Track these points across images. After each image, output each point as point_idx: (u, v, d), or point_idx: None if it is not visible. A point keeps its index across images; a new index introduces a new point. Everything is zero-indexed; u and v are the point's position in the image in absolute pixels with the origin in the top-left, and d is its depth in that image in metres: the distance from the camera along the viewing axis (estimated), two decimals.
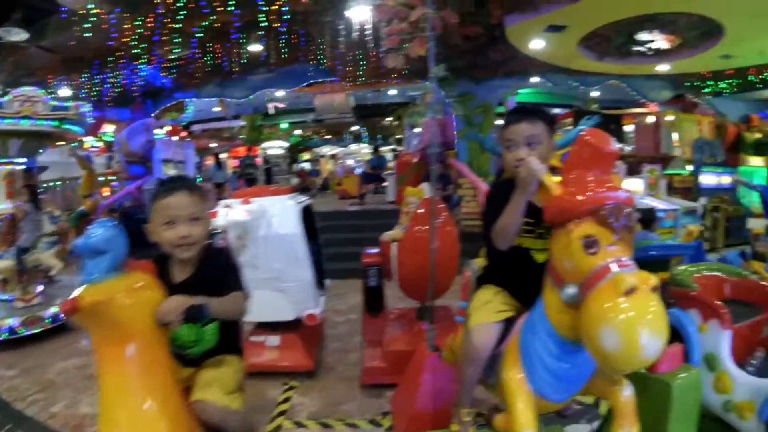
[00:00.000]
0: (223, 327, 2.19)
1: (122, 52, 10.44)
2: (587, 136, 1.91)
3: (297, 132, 27.13)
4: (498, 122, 11.65)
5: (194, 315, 1.98)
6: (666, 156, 14.13)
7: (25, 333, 5.70)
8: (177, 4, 8.49)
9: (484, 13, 8.23)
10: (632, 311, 1.62)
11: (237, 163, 20.74)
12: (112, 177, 12.52)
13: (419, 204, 4.31)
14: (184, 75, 12.40)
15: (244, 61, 11.00)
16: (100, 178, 11.92)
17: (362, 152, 23.21)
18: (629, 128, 16.55)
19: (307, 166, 26.72)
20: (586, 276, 1.76)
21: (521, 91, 16.51)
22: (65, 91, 11.93)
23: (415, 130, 15.15)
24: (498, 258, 2.40)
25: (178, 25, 9.26)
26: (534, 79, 13.78)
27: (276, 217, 4.40)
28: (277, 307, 4.42)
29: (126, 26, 9.21)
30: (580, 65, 11.75)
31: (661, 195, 11.33)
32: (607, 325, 1.62)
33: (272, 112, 19.27)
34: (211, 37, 9.99)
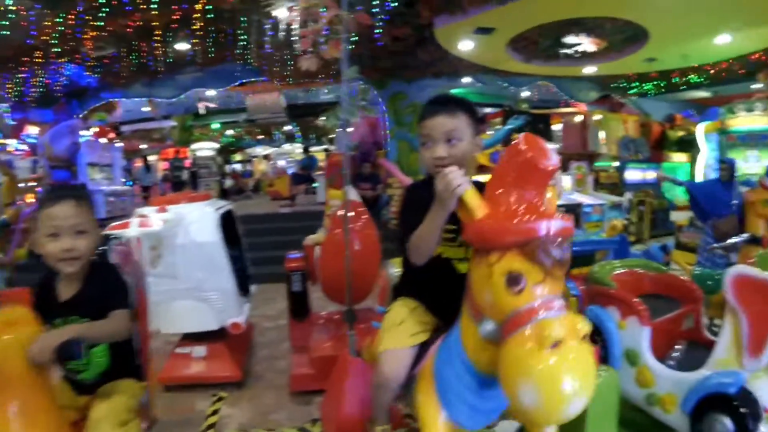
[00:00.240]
0: (116, 347, 2.07)
1: (42, 51, 9.99)
2: (521, 145, 1.57)
3: (229, 132, 26.71)
4: None
5: (67, 352, 1.77)
6: (593, 153, 14.58)
7: None
8: (99, 1, 8.17)
9: (413, 14, 8.24)
10: (556, 368, 1.37)
11: (167, 166, 20.27)
12: (34, 183, 12.02)
13: (340, 206, 4.23)
14: (110, 74, 11.89)
15: (170, 60, 10.71)
16: (22, 185, 11.40)
17: (295, 152, 23.04)
18: (557, 127, 16.96)
19: (239, 167, 26.39)
20: (507, 316, 1.50)
21: (453, 91, 16.65)
22: None
23: (348, 130, 15.03)
24: (415, 267, 1.99)
25: (101, 23, 8.92)
26: (466, 80, 14.00)
27: (193, 225, 4.25)
28: (200, 317, 4.29)
29: (47, 23, 8.81)
30: (510, 66, 11.97)
31: (588, 190, 11.67)
32: (527, 381, 1.39)
33: (203, 112, 18.87)
34: (136, 36, 9.65)
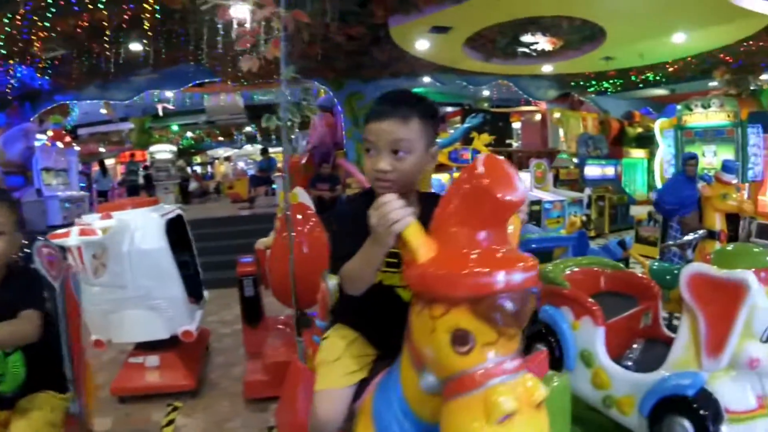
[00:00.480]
0: (34, 356, 1.97)
1: None
2: (478, 168, 1.23)
3: (189, 134, 26.32)
4: None
5: None
6: (552, 150, 14.73)
7: None
8: (47, 1, 7.92)
9: (367, 13, 8.17)
10: None
11: (124, 169, 19.71)
12: None
13: (286, 208, 4.10)
14: (62, 76, 11.61)
15: (122, 62, 10.44)
16: None
17: (256, 154, 22.80)
18: (517, 125, 17.11)
19: (199, 170, 26.02)
20: (452, 376, 1.23)
21: (414, 90, 16.65)
22: None
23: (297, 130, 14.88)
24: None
25: (48, 24, 8.65)
26: (426, 79, 13.97)
27: (138, 232, 4.11)
28: (150, 326, 4.17)
29: None
30: (468, 65, 12.01)
31: (548, 187, 11.84)
32: None
33: (161, 114, 18.55)
34: (87, 36, 9.37)
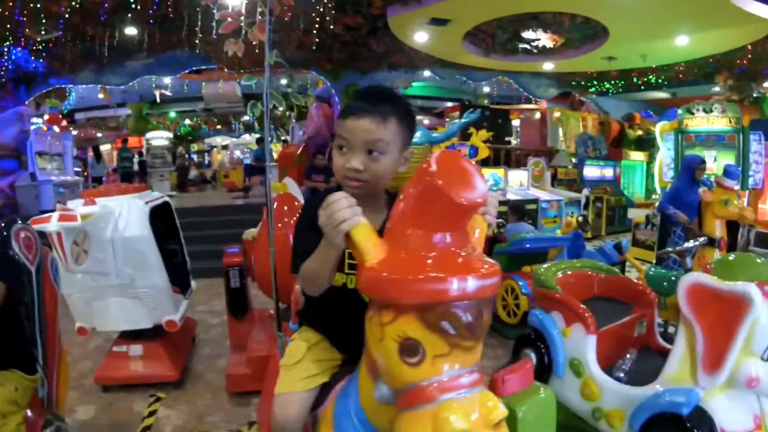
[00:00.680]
0: (2, 333, 2.04)
1: None
2: (431, 166, 1.11)
3: (187, 122, 26.20)
4: None
5: None
6: (551, 149, 14.67)
7: None
8: None
9: (364, 3, 8.08)
10: None
11: (117, 156, 19.59)
12: None
13: (274, 199, 3.99)
14: (57, 59, 11.55)
15: (116, 46, 10.38)
16: None
17: (253, 143, 22.73)
18: (516, 122, 17.05)
19: (196, 158, 25.98)
20: (402, 389, 1.14)
21: (414, 84, 16.60)
22: None
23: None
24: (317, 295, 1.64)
25: (38, 5, 8.53)
26: (426, 73, 13.89)
27: (122, 219, 4.04)
28: (133, 315, 4.13)
29: None
30: (467, 60, 11.93)
31: (546, 186, 11.77)
32: None
33: (159, 100, 18.43)
34: (79, 18, 9.28)
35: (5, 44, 10.48)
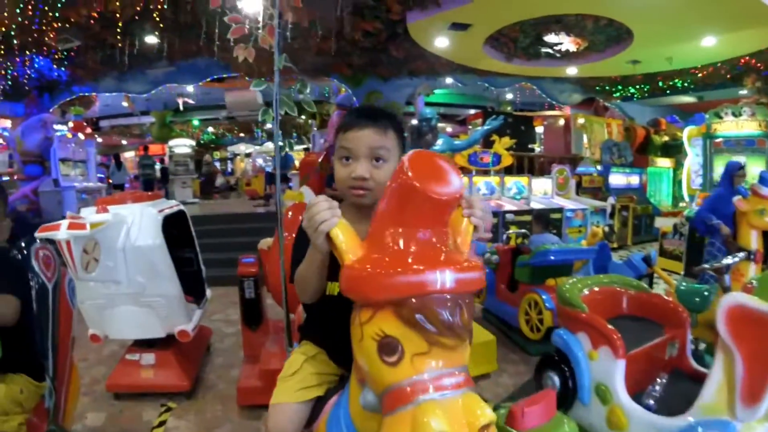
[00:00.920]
0: (14, 340, 2.07)
1: (3, 42, 9.72)
2: (405, 167, 1.12)
3: (210, 129, 26.39)
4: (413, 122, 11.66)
5: None
6: (575, 156, 14.44)
7: None
8: None
9: (383, 8, 8.01)
10: None
11: (138, 163, 19.82)
12: (7, 177, 11.70)
13: (289, 208, 3.89)
14: (80, 67, 11.69)
15: (137, 54, 10.44)
16: None
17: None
18: (540, 129, 16.88)
19: (218, 165, 26.18)
20: (384, 391, 1.11)
21: (436, 92, 16.53)
22: None
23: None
24: (314, 307, 1.73)
25: (56, 14, 8.58)
26: (448, 80, 13.78)
27: (134, 227, 4.01)
28: (144, 324, 4.08)
29: (4, 14, 8.48)
30: (489, 65, 11.78)
31: (570, 194, 11.52)
32: None
33: (182, 108, 18.59)
34: (100, 27, 9.34)
35: (29, 53, 10.58)
